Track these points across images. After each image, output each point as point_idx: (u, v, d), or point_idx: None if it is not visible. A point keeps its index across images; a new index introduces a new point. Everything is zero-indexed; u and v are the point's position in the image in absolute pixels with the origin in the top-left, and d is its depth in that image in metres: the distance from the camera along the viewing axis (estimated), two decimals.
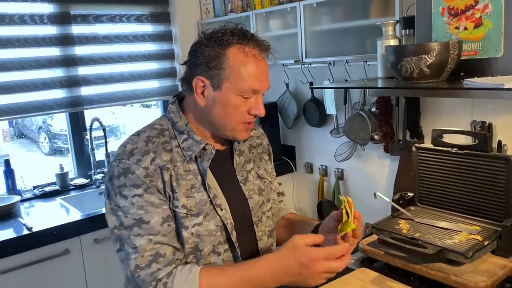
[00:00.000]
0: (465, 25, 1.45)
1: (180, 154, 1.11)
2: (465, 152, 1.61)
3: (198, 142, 1.11)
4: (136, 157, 1.06)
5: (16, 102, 2.43)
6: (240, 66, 1.06)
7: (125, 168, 1.06)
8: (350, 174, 2.63)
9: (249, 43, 1.07)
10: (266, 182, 1.28)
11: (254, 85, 1.07)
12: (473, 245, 1.42)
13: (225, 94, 1.07)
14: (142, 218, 1.04)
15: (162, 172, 1.06)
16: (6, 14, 2.36)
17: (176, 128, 1.13)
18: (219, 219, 1.11)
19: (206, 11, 3.00)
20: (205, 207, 1.10)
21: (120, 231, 1.05)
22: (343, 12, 2.25)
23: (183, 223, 1.08)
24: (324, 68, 2.51)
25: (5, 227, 2.12)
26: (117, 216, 1.05)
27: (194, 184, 1.10)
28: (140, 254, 1.03)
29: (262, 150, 1.32)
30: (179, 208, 1.07)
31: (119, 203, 1.05)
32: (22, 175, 2.55)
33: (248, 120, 1.11)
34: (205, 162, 1.12)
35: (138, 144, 1.09)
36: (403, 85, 1.51)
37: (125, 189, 1.05)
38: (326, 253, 1.00)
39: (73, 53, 2.59)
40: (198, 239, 1.09)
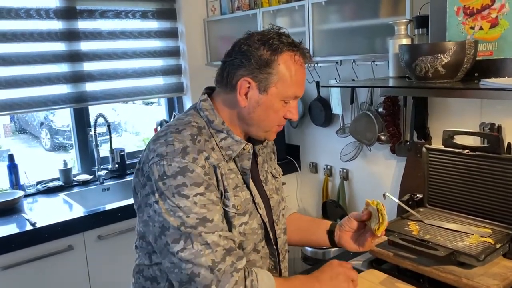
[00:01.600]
0: (481, 25, 1.43)
1: (220, 153, 1.10)
2: (477, 154, 1.60)
3: (238, 142, 1.12)
4: (192, 156, 1.04)
5: (21, 96, 2.41)
6: (288, 73, 1.07)
7: (182, 167, 1.03)
8: (356, 174, 2.61)
9: (299, 51, 1.09)
10: (279, 181, 1.30)
11: (297, 92, 1.10)
12: (485, 248, 1.40)
13: (270, 98, 1.08)
14: (205, 216, 1.03)
15: (216, 170, 1.07)
16: (12, 8, 2.34)
17: (212, 126, 1.12)
18: (260, 217, 1.15)
19: (213, 8, 2.98)
20: (249, 206, 1.13)
21: (184, 230, 1.02)
22: (352, 10, 2.23)
23: (232, 222, 1.09)
24: (331, 68, 2.50)
25: (8, 222, 2.10)
26: (177, 216, 1.02)
27: (237, 183, 1.12)
28: (213, 249, 1.02)
29: (270, 149, 1.33)
30: (230, 208, 1.09)
31: (179, 203, 1.02)
32: (25, 170, 2.53)
33: (282, 123, 1.15)
34: (245, 162, 1.13)
35: (187, 143, 1.06)
36: (417, 85, 1.49)
37: (185, 188, 1.02)
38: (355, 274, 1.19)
39: (78, 49, 2.58)
40: (243, 238, 1.12)
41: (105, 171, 2.71)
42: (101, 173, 2.67)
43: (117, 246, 2.20)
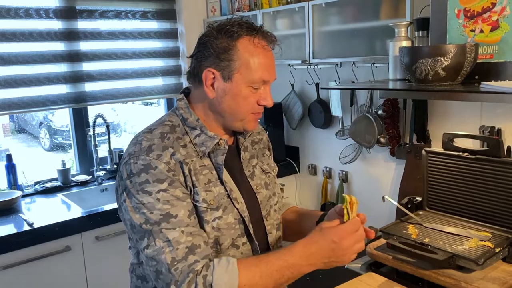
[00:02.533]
0: (481, 28, 1.43)
1: (193, 150, 1.11)
2: (476, 157, 1.59)
3: (211, 138, 1.12)
4: (156, 153, 1.05)
5: (20, 96, 2.40)
6: (250, 57, 1.07)
7: (146, 164, 1.04)
8: (355, 176, 2.61)
9: (258, 35, 1.09)
10: (271, 176, 1.30)
11: (263, 76, 1.09)
12: (484, 251, 1.40)
13: (235, 85, 1.08)
14: (169, 212, 1.03)
15: (182, 166, 1.07)
16: (12, 7, 2.33)
17: (187, 124, 1.13)
18: (237, 212, 1.13)
19: (213, 9, 2.98)
20: (223, 201, 1.12)
21: (147, 227, 1.03)
22: (352, 13, 2.23)
23: (204, 217, 1.08)
24: (331, 69, 2.49)
25: (6, 222, 2.09)
26: (141, 213, 1.03)
27: (210, 179, 1.11)
28: (174, 247, 1.01)
29: (263, 145, 1.33)
30: (200, 202, 1.08)
31: (142, 200, 1.03)
32: (24, 170, 2.53)
33: (257, 111, 1.13)
34: (219, 157, 1.13)
35: (154, 141, 1.08)
36: (417, 87, 1.49)
37: (148, 185, 1.03)
38: (351, 227, 1.06)
39: (78, 49, 2.57)
40: (218, 233, 1.10)
41: (104, 171, 2.70)
42: (99, 174, 2.66)
43: (115, 247, 2.19)
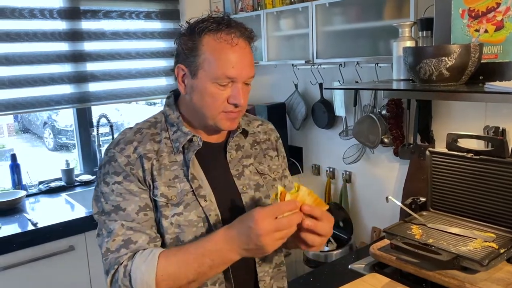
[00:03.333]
0: (486, 28, 1.42)
1: (168, 146, 1.12)
2: (481, 158, 1.59)
3: (185, 134, 1.12)
4: (120, 146, 1.09)
5: (24, 96, 2.41)
6: (212, 52, 1.05)
7: (110, 157, 1.09)
8: (358, 177, 2.60)
9: (224, 29, 1.06)
10: (267, 178, 1.24)
11: (228, 72, 1.05)
12: (488, 252, 1.39)
13: (201, 82, 1.07)
14: (119, 205, 1.06)
15: (143, 160, 1.08)
16: (16, 8, 2.34)
17: (168, 120, 1.15)
18: (202, 210, 1.10)
19: (216, 10, 2.98)
20: (187, 197, 1.09)
21: (100, 216, 1.07)
22: (356, 13, 2.23)
23: (162, 212, 1.08)
24: (334, 69, 2.49)
25: (10, 222, 2.10)
26: (100, 202, 1.08)
27: (178, 175, 1.10)
28: (111, 238, 1.03)
29: (268, 146, 1.29)
30: (158, 197, 1.08)
31: (102, 190, 1.08)
32: (28, 170, 2.53)
33: (228, 109, 1.08)
34: (190, 153, 1.12)
35: (127, 135, 1.12)
36: (421, 88, 1.48)
37: (108, 176, 1.08)
38: (270, 210, 0.95)
39: (82, 49, 2.58)
40: (178, 229, 1.08)
41: None
42: None
43: None
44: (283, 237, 0.96)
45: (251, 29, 1.12)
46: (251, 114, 1.35)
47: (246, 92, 1.11)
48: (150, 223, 1.08)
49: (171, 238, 1.08)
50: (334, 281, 1.52)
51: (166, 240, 1.08)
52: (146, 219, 1.07)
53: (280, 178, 1.30)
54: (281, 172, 1.31)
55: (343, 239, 2.49)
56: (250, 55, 1.10)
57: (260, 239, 0.94)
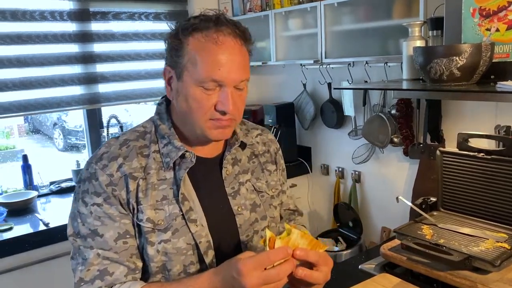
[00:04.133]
0: (497, 27, 1.41)
1: (158, 161, 1.00)
2: (492, 157, 1.57)
3: (177, 148, 1.00)
4: (103, 162, 0.97)
5: (35, 98, 2.44)
6: (197, 53, 0.94)
7: (92, 173, 0.98)
8: (368, 177, 2.59)
9: (212, 28, 0.94)
10: (265, 196, 1.13)
11: (213, 75, 0.93)
12: (501, 253, 1.38)
13: (185, 85, 0.96)
14: (97, 229, 0.96)
15: (128, 180, 0.97)
16: (27, 10, 2.37)
17: (158, 131, 1.03)
18: (191, 236, 0.99)
19: (225, 10, 2.99)
20: (175, 222, 0.98)
21: (75, 239, 0.98)
22: (365, 12, 2.22)
23: (148, 239, 0.97)
24: (343, 69, 2.48)
25: (22, 222, 2.12)
26: (76, 222, 0.98)
27: (166, 195, 0.99)
28: (86, 268, 0.95)
29: (267, 159, 1.17)
30: (144, 222, 0.97)
31: (79, 209, 0.98)
32: (39, 170, 2.56)
33: (216, 117, 0.96)
34: (181, 171, 1.00)
35: (111, 148, 1.00)
36: (432, 87, 1.47)
37: (87, 195, 0.97)
38: (257, 261, 0.84)
39: (92, 50, 2.60)
40: (165, 258, 0.98)
41: None
42: None
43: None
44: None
45: (245, 28, 1.00)
46: (250, 122, 1.24)
47: (238, 97, 0.98)
48: (130, 252, 0.97)
49: (157, 266, 0.99)
50: (344, 281, 1.52)
51: (152, 268, 0.99)
52: (125, 248, 0.97)
53: (278, 194, 1.20)
54: (280, 188, 1.21)
55: (352, 239, 2.49)
56: (241, 56, 0.98)
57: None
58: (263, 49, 2.78)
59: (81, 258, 0.97)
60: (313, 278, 0.89)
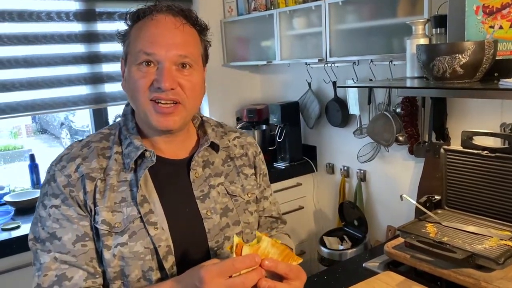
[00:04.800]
0: (501, 24, 1.41)
1: (119, 162, 0.97)
2: (496, 155, 1.57)
3: (136, 148, 0.97)
4: (62, 164, 0.95)
5: (42, 97, 2.46)
6: (135, 33, 0.95)
7: (51, 175, 0.95)
8: (373, 175, 2.59)
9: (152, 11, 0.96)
10: (239, 201, 1.08)
11: (144, 47, 0.91)
12: (504, 251, 1.38)
13: (128, 69, 0.95)
14: (55, 232, 0.92)
15: (85, 181, 0.94)
16: (34, 11, 2.39)
17: (122, 132, 1.01)
18: (150, 240, 0.94)
19: (230, 10, 3.00)
20: (133, 225, 0.94)
21: (34, 244, 0.94)
22: (369, 10, 2.22)
23: (104, 242, 0.93)
24: (348, 68, 2.48)
25: (30, 221, 2.12)
26: (37, 227, 0.94)
27: (125, 197, 0.95)
28: (43, 273, 0.91)
29: (244, 162, 1.12)
30: (99, 224, 0.93)
31: (40, 213, 0.94)
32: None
33: (153, 95, 0.92)
34: (141, 171, 0.96)
35: (72, 150, 0.98)
36: (435, 85, 1.47)
37: (46, 198, 0.94)
38: (221, 268, 0.79)
39: (98, 50, 2.62)
40: (122, 262, 0.93)
41: None
42: None
43: None
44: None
45: (191, 10, 0.99)
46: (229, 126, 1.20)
47: (184, 78, 0.94)
48: (89, 256, 0.93)
49: (115, 272, 0.94)
50: (348, 279, 1.52)
51: (109, 274, 0.94)
52: (84, 251, 0.93)
53: (256, 200, 1.14)
54: (259, 193, 1.16)
55: (357, 238, 2.49)
56: (180, 32, 0.94)
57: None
58: (267, 48, 2.79)
59: (38, 263, 0.92)
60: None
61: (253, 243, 0.84)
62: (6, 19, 2.32)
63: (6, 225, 2.06)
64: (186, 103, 0.95)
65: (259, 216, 1.18)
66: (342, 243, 2.51)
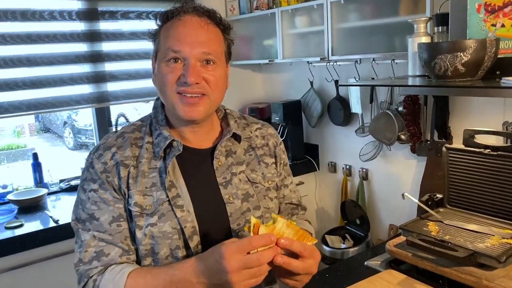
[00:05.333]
0: (503, 22, 1.40)
1: (150, 151, 1.07)
2: (498, 154, 1.57)
3: (165, 138, 1.07)
4: (99, 152, 1.06)
5: (45, 96, 2.47)
6: (164, 33, 1.05)
7: (89, 163, 1.06)
8: (375, 174, 2.59)
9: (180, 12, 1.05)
10: (259, 187, 1.16)
11: (172, 45, 1.01)
12: (506, 249, 1.37)
13: (158, 65, 1.06)
14: (94, 214, 1.03)
15: (119, 168, 1.04)
16: (37, 10, 2.40)
17: (153, 124, 1.11)
18: (177, 221, 1.03)
19: (232, 8, 3.00)
20: (162, 207, 1.04)
21: (76, 224, 1.05)
22: (371, 9, 2.21)
23: (136, 222, 1.03)
24: (350, 66, 2.48)
25: (33, 219, 2.16)
26: (78, 209, 1.06)
27: (155, 182, 1.05)
28: (84, 249, 1.01)
29: (265, 152, 1.20)
30: (132, 206, 1.03)
31: (80, 196, 1.06)
32: (49, 168, 2.60)
33: (180, 88, 1.02)
34: (169, 159, 1.06)
35: (108, 140, 1.09)
36: (436, 84, 1.47)
37: (85, 183, 1.06)
38: (239, 245, 0.86)
39: (100, 49, 2.62)
40: (152, 241, 1.03)
41: None
42: None
43: None
44: (254, 275, 0.86)
45: (215, 11, 1.07)
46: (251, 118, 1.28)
47: (208, 73, 1.03)
48: (124, 235, 1.03)
49: (146, 249, 1.04)
50: (350, 277, 1.52)
51: (141, 251, 1.04)
52: (119, 230, 1.03)
53: (277, 187, 1.22)
54: (279, 181, 1.23)
55: (360, 236, 2.49)
56: (205, 32, 1.03)
57: (228, 277, 0.85)
58: (270, 47, 2.79)
59: (80, 241, 1.03)
60: (291, 266, 0.90)
61: (269, 223, 0.91)
62: (9, 18, 2.33)
63: (10, 223, 2.07)
64: (210, 95, 1.04)
65: (280, 202, 1.25)
66: (344, 241, 2.52)
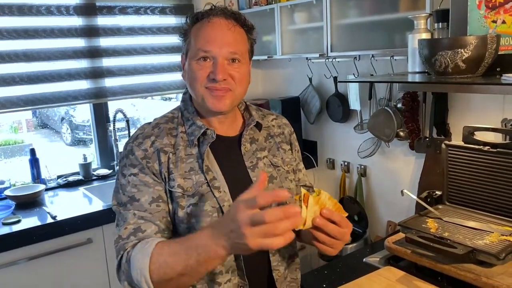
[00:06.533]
0: (504, 19, 1.40)
1: (184, 140, 1.17)
2: (498, 151, 1.57)
3: (199, 127, 1.16)
4: (139, 141, 1.15)
5: (42, 92, 2.46)
6: (194, 32, 1.14)
7: (129, 150, 1.14)
8: (374, 171, 2.59)
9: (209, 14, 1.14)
10: (281, 170, 1.27)
11: (202, 45, 1.11)
12: (505, 246, 1.38)
13: (188, 62, 1.15)
14: (134, 195, 1.10)
15: (159, 154, 1.13)
16: (34, 4, 2.38)
17: (184, 115, 1.21)
18: (216, 200, 1.13)
19: (230, 4, 2.99)
20: (202, 189, 1.13)
21: (118, 207, 1.12)
22: (371, 5, 2.20)
23: (179, 203, 1.12)
24: (349, 63, 2.47)
25: (30, 215, 2.15)
26: (118, 194, 1.13)
27: (193, 167, 1.14)
28: (124, 226, 1.08)
29: (282, 139, 1.32)
30: (175, 188, 1.11)
31: (121, 181, 1.13)
32: (47, 164, 2.58)
33: (208, 85, 1.12)
34: (204, 146, 1.16)
35: (145, 130, 1.17)
36: (437, 80, 1.46)
37: (125, 168, 1.13)
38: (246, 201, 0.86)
39: (98, 45, 2.61)
40: (193, 220, 1.12)
41: None
42: None
43: None
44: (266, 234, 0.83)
45: (240, 13, 1.18)
46: (265, 109, 1.37)
47: (234, 70, 1.13)
48: (161, 215, 1.11)
49: (187, 227, 1.12)
50: (349, 274, 1.53)
51: (182, 229, 1.12)
52: (158, 210, 1.10)
53: (293, 171, 1.32)
54: (295, 166, 1.33)
55: (358, 233, 2.49)
56: (231, 33, 1.13)
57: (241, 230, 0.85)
58: (268, 43, 2.78)
59: (122, 221, 1.09)
60: (328, 229, 1.00)
61: (315, 194, 1.01)
62: (5, 12, 2.31)
63: (7, 219, 2.06)
64: (235, 90, 1.14)
65: (295, 185, 1.33)
66: None
